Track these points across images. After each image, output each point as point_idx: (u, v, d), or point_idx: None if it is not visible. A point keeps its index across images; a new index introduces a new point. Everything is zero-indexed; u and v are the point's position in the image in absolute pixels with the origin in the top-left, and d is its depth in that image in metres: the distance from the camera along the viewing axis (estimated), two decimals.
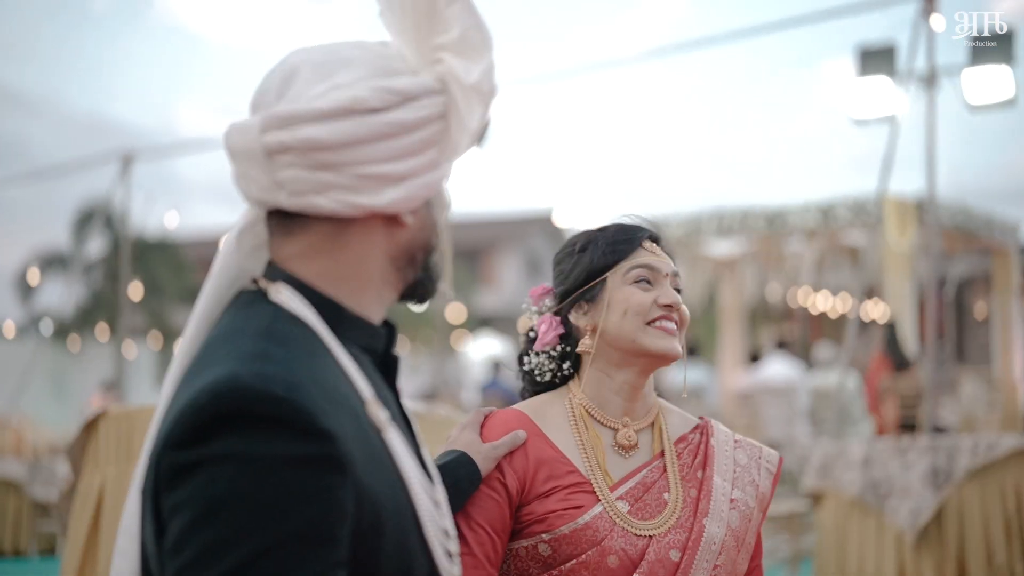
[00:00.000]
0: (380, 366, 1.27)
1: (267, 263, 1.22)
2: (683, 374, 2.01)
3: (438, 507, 1.23)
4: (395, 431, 1.18)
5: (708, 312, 15.29)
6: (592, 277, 1.81)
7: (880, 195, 7.45)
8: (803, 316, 17.76)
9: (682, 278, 1.89)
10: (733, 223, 12.51)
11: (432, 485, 1.25)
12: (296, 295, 1.17)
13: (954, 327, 16.21)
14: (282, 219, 1.20)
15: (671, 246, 1.90)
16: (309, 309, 1.16)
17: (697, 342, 14.42)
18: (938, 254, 8.73)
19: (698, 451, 1.84)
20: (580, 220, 16.29)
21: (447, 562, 1.20)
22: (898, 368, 9.79)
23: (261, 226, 1.23)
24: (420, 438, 1.30)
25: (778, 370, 11.49)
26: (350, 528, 1.05)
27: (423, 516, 1.17)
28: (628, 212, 1.91)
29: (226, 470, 1.00)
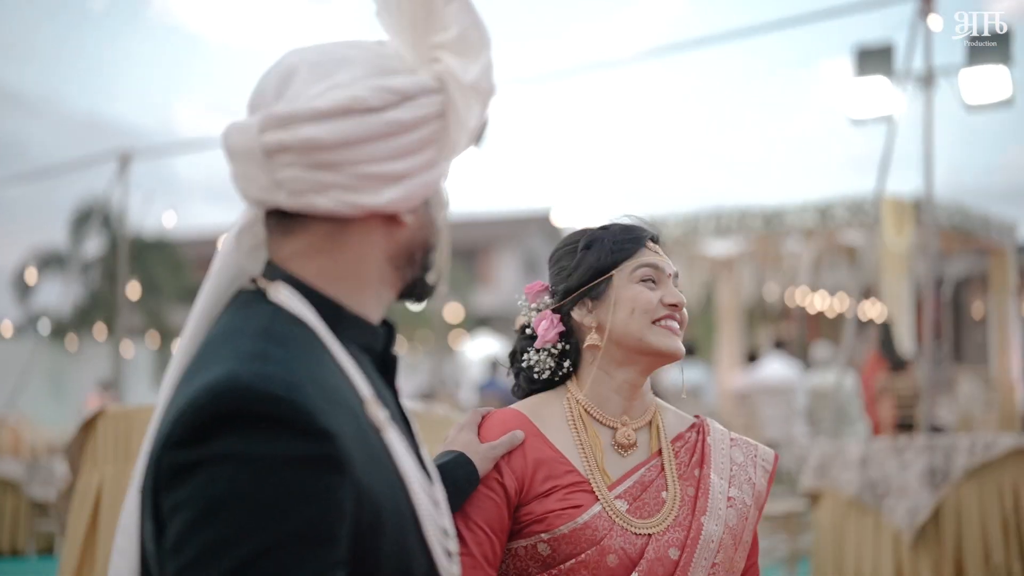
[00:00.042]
0: (379, 365, 1.27)
1: (266, 262, 1.22)
2: (681, 374, 2.00)
3: (437, 507, 1.23)
4: (394, 430, 1.18)
5: (706, 312, 15.31)
6: (598, 274, 1.81)
7: (877, 195, 7.45)
8: (800, 316, 17.78)
9: (680, 279, 1.90)
10: (731, 223, 12.53)
11: (431, 484, 1.25)
12: (295, 294, 1.17)
13: (951, 327, 16.23)
14: (281, 219, 1.19)
15: (667, 247, 1.91)
16: (308, 308, 1.16)
17: (695, 342, 14.41)
18: (935, 254, 8.73)
19: (695, 450, 1.84)
20: (578, 219, 16.29)
21: (446, 561, 1.20)
22: (893, 368, 9.80)
23: (260, 226, 1.23)
24: (419, 437, 1.30)
25: (776, 370, 11.50)
26: (349, 528, 1.05)
27: (422, 515, 1.17)
28: (627, 212, 1.91)
29: (226, 470, 1.00)
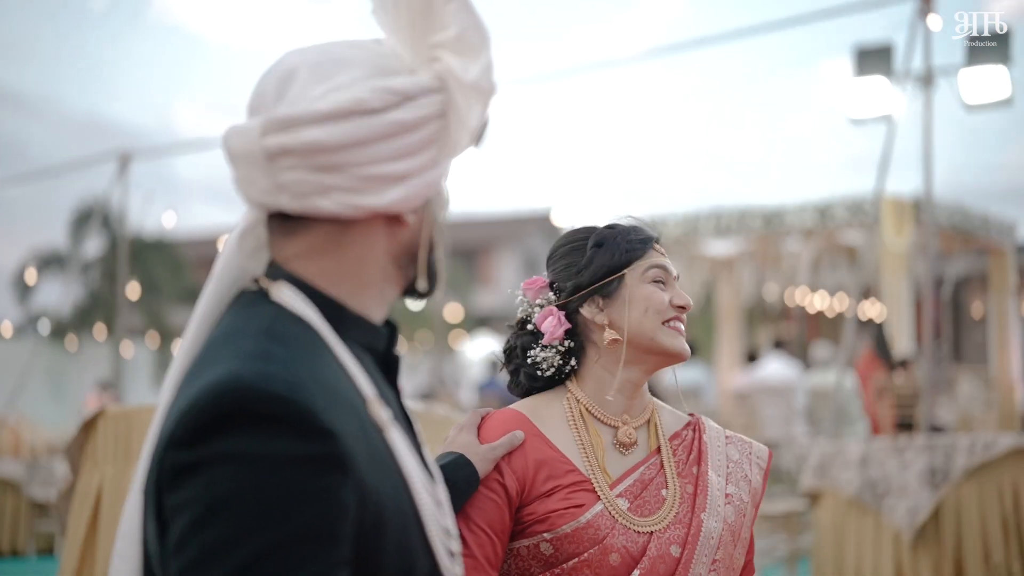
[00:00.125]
0: (381, 365, 1.26)
1: (268, 263, 1.22)
2: (679, 375, 2.01)
3: (440, 506, 1.23)
4: (397, 430, 1.18)
5: (705, 312, 15.31)
6: (611, 272, 1.81)
7: (877, 195, 7.46)
8: (800, 316, 17.79)
9: (680, 279, 1.90)
10: (730, 223, 12.53)
11: (434, 484, 1.24)
12: (298, 294, 1.17)
13: (951, 326, 16.23)
14: (283, 220, 1.19)
15: (667, 247, 1.92)
16: (311, 308, 1.16)
17: (695, 342, 14.34)
18: (935, 254, 8.74)
19: (692, 447, 1.86)
20: (578, 219, 16.29)
21: (449, 561, 1.20)
22: (887, 366, 9.81)
23: (262, 227, 1.22)
24: (421, 437, 1.30)
25: (775, 369, 11.51)
26: (352, 527, 1.05)
27: (425, 515, 1.17)
28: (626, 213, 1.92)
29: (228, 470, 1.00)
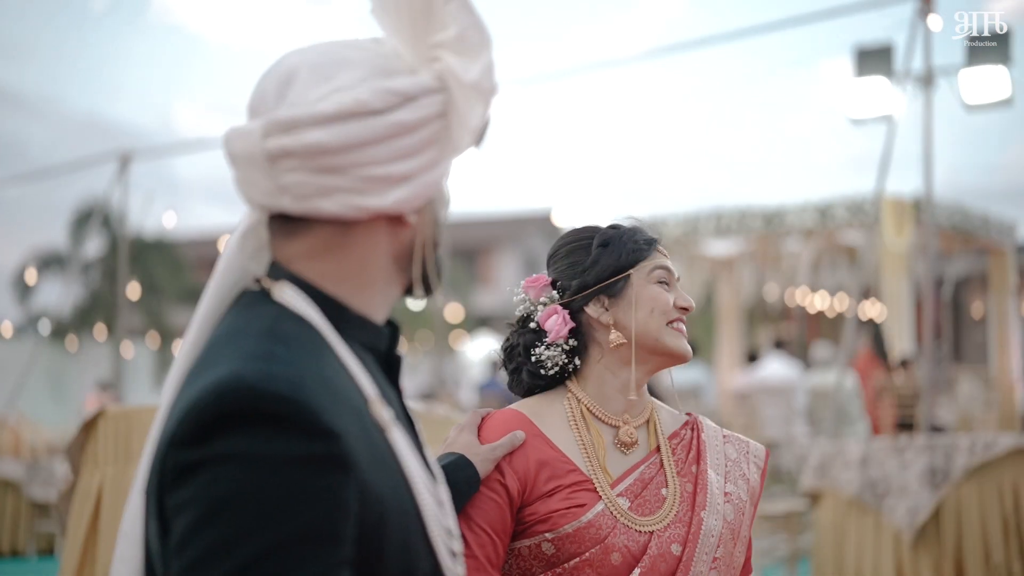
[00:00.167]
0: (383, 365, 1.26)
1: (270, 263, 1.21)
2: (678, 375, 2.02)
3: (442, 506, 1.23)
4: (398, 430, 1.18)
5: (706, 312, 15.30)
6: (617, 272, 1.82)
7: (877, 195, 7.46)
8: (800, 316, 17.79)
9: (680, 280, 1.92)
10: (731, 223, 12.54)
11: (435, 484, 1.24)
12: (299, 294, 1.17)
13: (951, 327, 16.24)
14: (285, 221, 1.19)
15: (667, 247, 1.93)
16: (313, 308, 1.16)
17: (695, 342, 14.37)
18: (935, 254, 8.74)
19: (691, 446, 1.87)
20: (578, 220, 16.29)
21: (451, 561, 1.20)
22: (885, 366, 9.81)
23: (263, 228, 1.22)
24: (423, 437, 1.30)
25: (776, 370, 11.51)
26: (354, 527, 1.05)
27: (427, 515, 1.17)
28: (626, 214, 1.92)
29: (230, 469, 1.00)
